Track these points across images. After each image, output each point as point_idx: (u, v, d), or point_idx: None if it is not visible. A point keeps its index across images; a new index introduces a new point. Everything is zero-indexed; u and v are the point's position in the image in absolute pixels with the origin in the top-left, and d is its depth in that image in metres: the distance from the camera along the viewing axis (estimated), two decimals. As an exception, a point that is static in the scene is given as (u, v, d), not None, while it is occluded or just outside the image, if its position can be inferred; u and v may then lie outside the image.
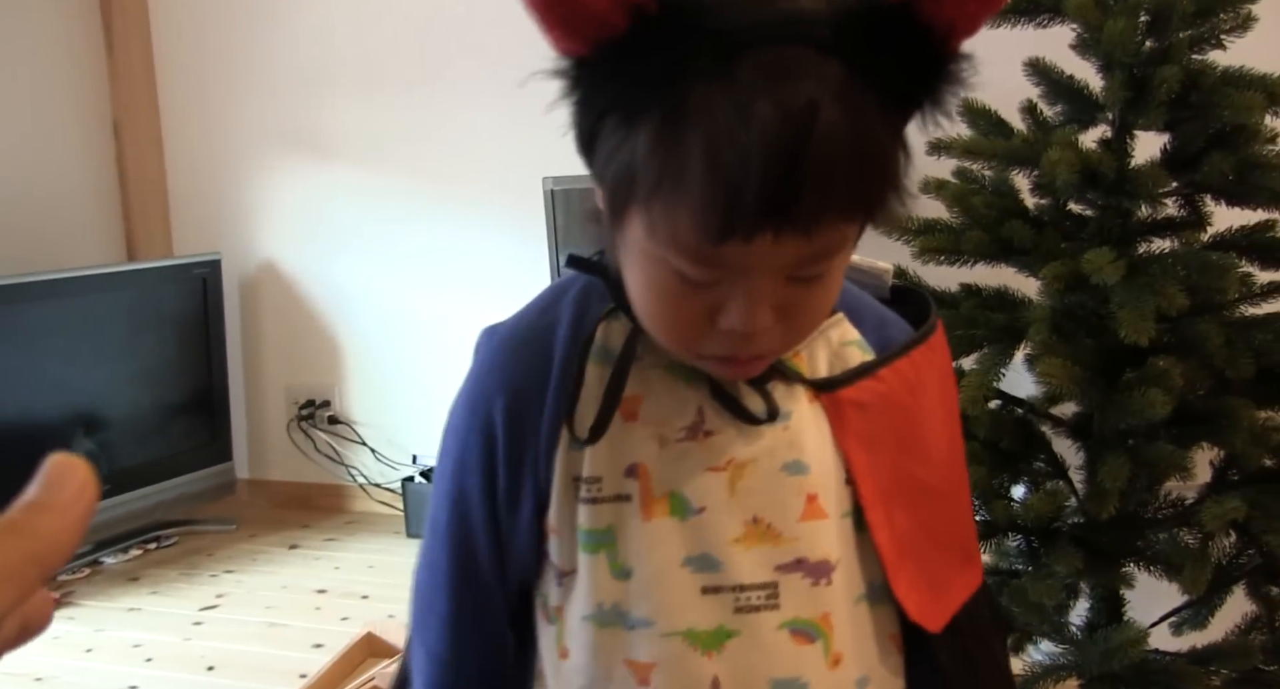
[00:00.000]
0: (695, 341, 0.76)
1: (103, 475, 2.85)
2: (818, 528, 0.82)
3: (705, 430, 0.82)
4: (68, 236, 3.21)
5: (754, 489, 0.82)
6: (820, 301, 0.76)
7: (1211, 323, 1.55)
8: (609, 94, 0.69)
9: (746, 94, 0.65)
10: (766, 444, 0.83)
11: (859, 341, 0.86)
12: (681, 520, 0.82)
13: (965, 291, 1.73)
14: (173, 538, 3.07)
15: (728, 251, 0.68)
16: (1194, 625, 1.77)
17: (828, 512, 0.83)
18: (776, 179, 0.65)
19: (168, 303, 3.06)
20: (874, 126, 0.67)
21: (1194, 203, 1.67)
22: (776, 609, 0.82)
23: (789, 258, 0.70)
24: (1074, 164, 1.53)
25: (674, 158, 0.67)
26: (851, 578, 0.84)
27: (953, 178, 1.75)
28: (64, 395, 2.80)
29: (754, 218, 0.66)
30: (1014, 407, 1.71)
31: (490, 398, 0.86)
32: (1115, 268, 1.49)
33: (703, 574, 0.82)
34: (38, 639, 0.63)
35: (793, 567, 0.82)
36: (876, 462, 0.84)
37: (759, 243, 0.67)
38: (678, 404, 0.83)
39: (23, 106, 3.08)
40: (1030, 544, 1.62)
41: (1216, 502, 1.50)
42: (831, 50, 0.66)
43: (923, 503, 0.86)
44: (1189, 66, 1.57)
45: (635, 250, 0.74)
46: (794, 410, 0.83)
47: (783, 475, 0.82)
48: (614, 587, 0.83)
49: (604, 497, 0.83)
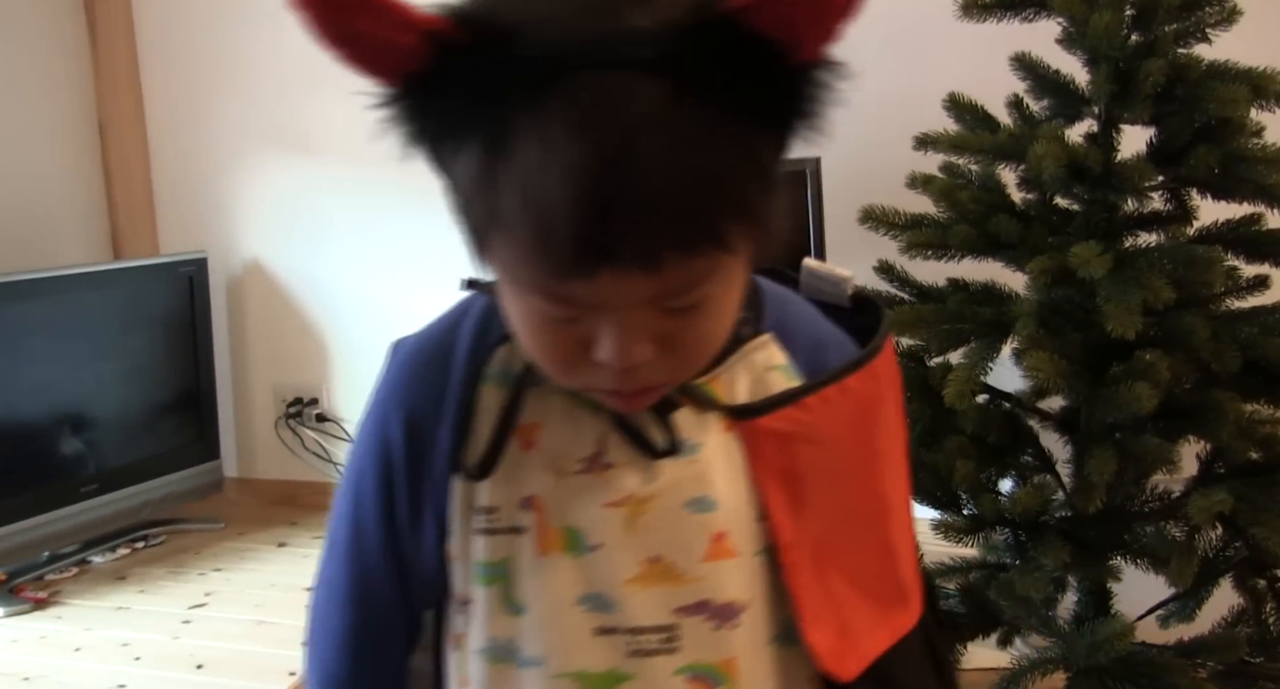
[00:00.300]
0: (575, 374, 0.71)
1: (89, 474, 2.84)
2: (725, 568, 0.77)
3: (605, 463, 0.77)
4: (53, 235, 3.19)
5: (654, 527, 0.77)
6: (707, 331, 0.71)
7: (1198, 316, 1.55)
8: (432, 125, 0.65)
9: (556, 128, 0.60)
10: (669, 479, 0.77)
11: (784, 367, 0.80)
12: (576, 557, 0.78)
13: (953, 286, 1.74)
14: (160, 537, 3.06)
15: (575, 289, 0.64)
16: (1181, 618, 1.78)
17: (738, 550, 0.78)
18: (589, 219, 0.60)
19: (154, 301, 3.05)
20: (711, 152, 0.61)
21: (1180, 196, 1.68)
22: (674, 653, 0.77)
23: (645, 293, 0.65)
24: (1060, 158, 1.53)
25: (492, 195, 0.63)
26: (764, 619, 0.79)
27: (939, 173, 1.76)
28: (50, 394, 2.79)
29: (576, 259, 0.61)
30: (1001, 401, 1.72)
31: (389, 420, 0.83)
32: (1102, 262, 1.49)
33: (596, 614, 0.77)
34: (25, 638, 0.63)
35: (695, 609, 0.77)
36: (796, 498, 0.78)
37: (603, 281, 0.62)
38: (577, 434, 0.78)
39: (6, 105, 3.07)
40: (1018, 538, 1.63)
41: (1203, 495, 1.51)
42: (658, 71, 0.61)
43: (849, 542, 0.80)
44: (1174, 60, 1.58)
45: (500, 279, 0.70)
46: (704, 442, 0.78)
47: (685, 513, 0.77)
48: (507, 622, 0.79)
49: (499, 528, 0.79)
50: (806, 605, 0.78)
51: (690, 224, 0.62)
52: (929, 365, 1.68)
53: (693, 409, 0.78)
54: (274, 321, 3.33)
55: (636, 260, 0.62)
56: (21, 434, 2.71)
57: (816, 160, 2.42)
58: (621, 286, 0.63)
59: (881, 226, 1.71)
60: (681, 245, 0.62)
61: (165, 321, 3.07)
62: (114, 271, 3.02)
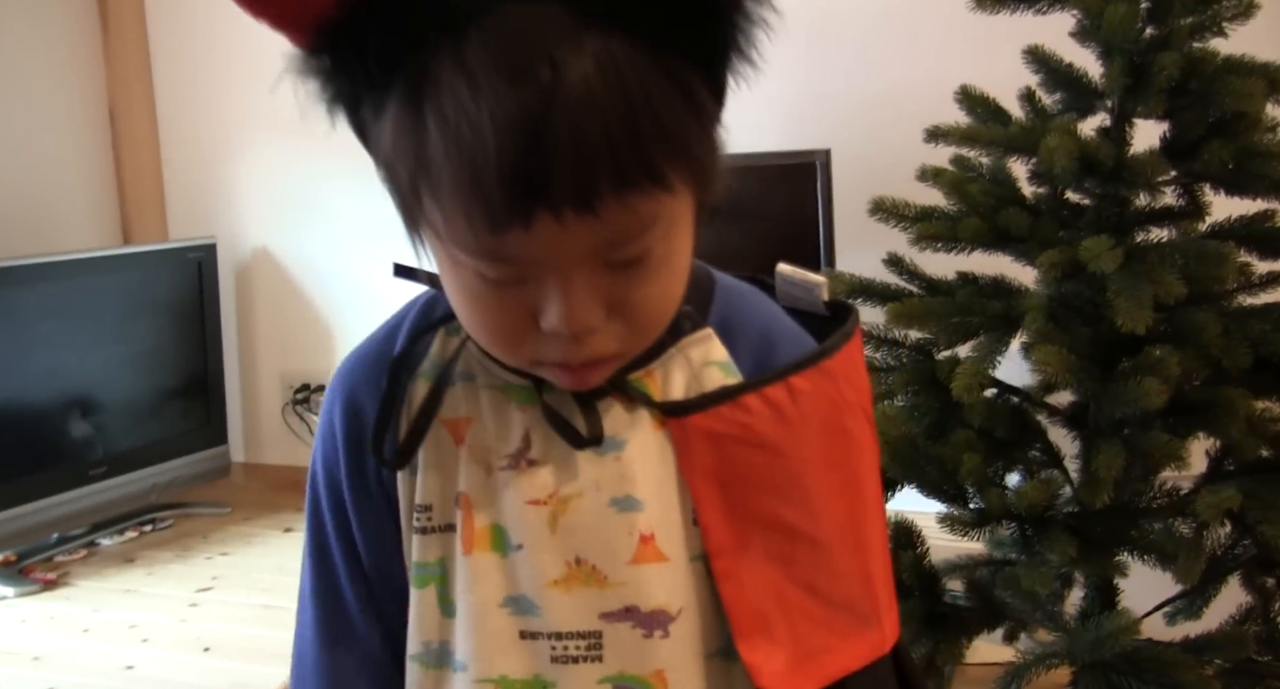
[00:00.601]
0: (522, 348, 0.68)
1: (98, 458, 2.85)
2: (653, 573, 0.73)
3: (529, 459, 0.74)
4: (63, 220, 3.20)
5: (577, 526, 0.73)
6: (658, 291, 0.67)
7: (1209, 312, 1.54)
8: (351, 83, 0.62)
9: (480, 65, 0.57)
10: (593, 476, 0.73)
11: (724, 363, 0.75)
12: (502, 557, 0.74)
13: (962, 279, 1.73)
14: (168, 520, 3.07)
15: (513, 243, 0.61)
16: (1188, 615, 1.77)
17: (668, 554, 0.73)
18: (520, 155, 0.57)
19: (163, 287, 3.05)
20: (642, 83, 0.59)
21: (1193, 192, 1.67)
22: (598, 662, 0.73)
23: (588, 243, 0.62)
24: (1072, 151, 1.53)
25: (417, 145, 0.60)
26: (703, 630, 0.74)
27: (950, 166, 1.75)
28: (59, 378, 2.80)
29: (509, 201, 0.58)
30: (1010, 395, 1.71)
31: (332, 416, 0.81)
32: (1112, 256, 1.49)
33: (520, 618, 0.74)
34: (35, 618, 0.63)
35: (620, 615, 0.73)
36: (733, 502, 0.73)
37: (540, 229, 0.59)
38: (504, 428, 0.75)
39: (17, 92, 3.07)
40: (1024, 532, 1.62)
41: (1212, 491, 1.50)
42: (583, 2, 0.58)
43: (795, 554, 0.74)
44: (1189, 53, 1.57)
45: (436, 254, 0.68)
46: (631, 438, 0.74)
47: (610, 512, 0.73)
48: (442, 624, 0.76)
49: (434, 526, 0.76)
50: (740, 617, 0.73)
51: (625, 158, 0.58)
52: (937, 359, 1.67)
53: (623, 404, 0.74)
54: (282, 308, 3.34)
55: (572, 199, 0.58)
56: (31, 418, 2.72)
57: (827, 152, 2.42)
58: (560, 235, 0.60)
59: (891, 219, 1.71)
60: (617, 182, 0.59)
61: (174, 307, 3.08)
62: (123, 257, 3.03)
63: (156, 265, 3.04)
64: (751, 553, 0.73)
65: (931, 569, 1.70)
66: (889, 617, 0.78)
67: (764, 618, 0.73)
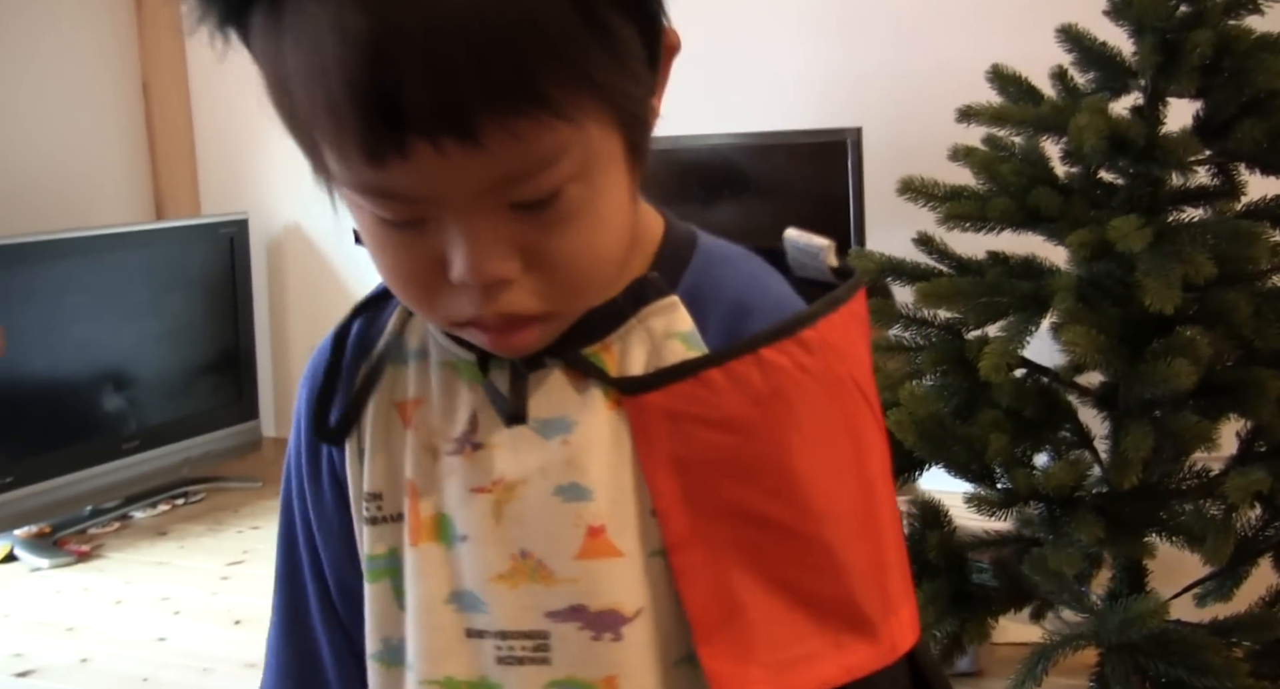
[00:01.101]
0: (437, 305, 0.62)
1: (131, 432, 2.88)
2: (604, 569, 0.65)
3: (474, 442, 0.68)
4: (97, 195, 3.22)
5: (522, 516, 0.66)
6: (581, 242, 0.60)
7: (1240, 293, 1.53)
8: (213, 9, 0.57)
9: None
10: (539, 462, 0.66)
11: (687, 334, 0.66)
12: (448, 548, 0.68)
13: (992, 259, 1.72)
14: (200, 494, 3.11)
15: (397, 177, 0.55)
16: (1218, 597, 1.77)
17: (623, 549, 0.65)
18: (369, 69, 0.51)
19: (195, 262, 3.08)
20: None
21: (1227, 171, 1.66)
22: (546, 665, 0.66)
23: (481, 178, 0.55)
24: (1102, 130, 1.52)
25: (277, 65, 0.55)
26: (665, 634, 0.66)
27: (981, 145, 1.74)
28: (93, 352, 2.83)
29: (370, 126, 0.53)
30: (1039, 375, 1.71)
31: (300, 397, 0.76)
32: (1141, 235, 1.48)
33: (466, 614, 0.68)
34: (69, 589, 0.63)
35: (568, 615, 0.66)
36: (694, 490, 0.65)
37: (422, 161, 0.54)
38: (451, 410, 0.69)
39: (54, 69, 3.09)
40: (1051, 513, 1.62)
41: (1241, 473, 1.50)
42: None
43: (770, 549, 0.65)
44: (1223, 31, 1.55)
45: (344, 199, 0.62)
46: (582, 420, 0.66)
47: (555, 501, 0.66)
48: (400, 619, 0.71)
49: (384, 516, 0.71)
50: (699, 618, 0.65)
51: (498, 75, 0.52)
52: (966, 338, 1.67)
53: (574, 382, 0.67)
54: (313, 283, 3.35)
55: (445, 122, 0.52)
56: (65, 391, 2.75)
57: (858, 130, 2.41)
58: (446, 168, 0.54)
59: (921, 198, 1.70)
60: (494, 102, 0.52)
61: (206, 282, 3.10)
62: (156, 232, 3.05)
63: (189, 240, 3.07)
64: (716, 546, 0.65)
65: (959, 548, 1.70)
66: (901, 618, 0.68)
67: (729, 619, 0.65)
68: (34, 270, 2.67)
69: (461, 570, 0.68)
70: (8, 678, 2.14)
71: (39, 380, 2.70)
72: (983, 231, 1.67)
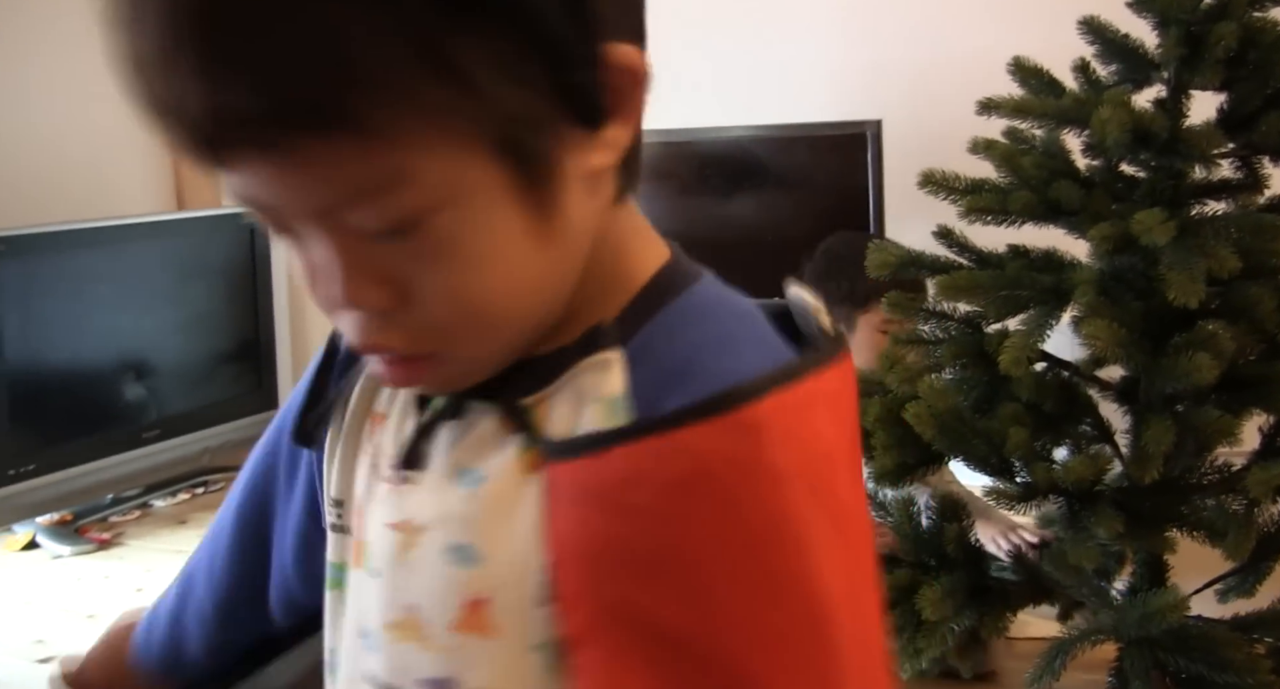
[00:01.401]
0: (336, 323, 0.59)
1: (151, 421, 2.90)
2: (479, 648, 0.57)
3: (404, 474, 0.63)
4: (116, 185, 3.24)
5: (417, 567, 0.60)
6: (458, 279, 0.54)
7: (1264, 286, 1.52)
8: None
9: None
10: (443, 511, 0.59)
11: (612, 399, 0.56)
12: (371, 578, 0.64)
13: (1012, 252, 1.72)
14: (220, 483, 3.12)
15: (238, 184, 0.52)
16: (1240, 593, 1.76)
17: (501, 631, 0.57)
18: (158, 76, 0.49)
19: (215, 252, 3.09)
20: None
21: (1251, 164, 1.65)
22: None
23: (311, 195, 0.51)
24: (1124, 123, 1.51)
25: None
26: None
27: (1002, 138, 1.73)
28: (113, 341, 2.84)
29: (175, 133, 0.50)
30: (1059, 369, 1.70)
31: (294, 392, 0.75)
32: (1165, 229, 1.47)
33: (367, 655, 0.64)
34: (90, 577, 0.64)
35: (438, 686, 0.59)
36: (599, 583, 0.54)
37: (244, 170, 0.50)
38: (402, 434, 0.65)
39: (70, 56, 3.11)
40: (1071, 507, 1.61)
41: (1263, 468, 1.49)
42: None
43: (680, 672, 0.53)
44: (1248, 23, 1.54)
45: None
46: (493, 475, 0.58)
47: (442, 560, 0.59)
48: (338, 632, 0.69)
49: (343, 526, 0.69)
50: None
51: (288, 91, 0.47)
52: (986, 332, 1.66)
53: (502, 431, 0.59)
54: (333, 274, 3.36)
55: (245, 137, 0.49)
56: (86, 380, 2.76)
57: (878, 123, 2.40)
58: (271, 178, 0.50)
59: (941, 191, 1.69)
60: (284, 120, 0.48)
61: (226, 272, 3.11)
62: (176, 221, 3.07)
63: (210, 230, 3.07)
64: (616, 652, 0.54)
65: (977, 542, 1.70)
66: None
67: None
68: (56, 260, 2.69)
69: (370, 607, 0.64)
70: (29, 663, 2.16)
71: (60, 370, 2.71)
72: (1004, 225, 1.66)
